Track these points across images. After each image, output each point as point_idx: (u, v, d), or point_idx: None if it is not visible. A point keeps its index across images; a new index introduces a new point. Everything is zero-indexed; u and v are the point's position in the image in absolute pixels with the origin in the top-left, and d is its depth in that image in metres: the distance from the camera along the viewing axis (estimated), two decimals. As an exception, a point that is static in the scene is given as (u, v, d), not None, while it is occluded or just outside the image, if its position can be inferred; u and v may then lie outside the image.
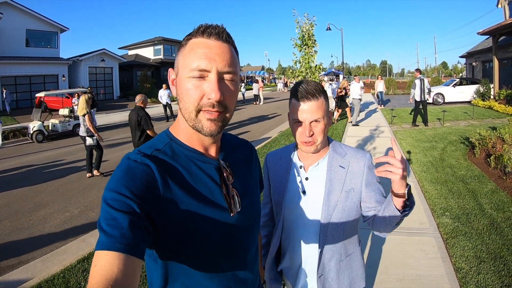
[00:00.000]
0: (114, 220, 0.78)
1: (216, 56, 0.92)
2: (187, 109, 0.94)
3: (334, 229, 1.49)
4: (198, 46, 0.93)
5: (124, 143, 12.41)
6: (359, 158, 1.53)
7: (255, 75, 57.39)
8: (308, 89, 1.41)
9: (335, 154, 1.54)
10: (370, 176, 1.51)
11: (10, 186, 7.59)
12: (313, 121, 1.42)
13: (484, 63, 27.29)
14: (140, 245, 0.79)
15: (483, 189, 5.63)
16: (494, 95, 18.47)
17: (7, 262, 4.26)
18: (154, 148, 0.96)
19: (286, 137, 11.18)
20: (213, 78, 0.91)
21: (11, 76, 25.15)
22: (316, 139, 1.44)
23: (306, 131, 1.42)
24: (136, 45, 41.70)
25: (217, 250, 0.97)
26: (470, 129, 10.79)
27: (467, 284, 3.23)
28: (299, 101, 1.42)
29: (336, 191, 1.48)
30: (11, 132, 15.38)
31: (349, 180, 1.49)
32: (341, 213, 1.48)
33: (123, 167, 0.88)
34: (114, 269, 0.72)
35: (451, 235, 4.18)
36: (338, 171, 1.51)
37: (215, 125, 0.94)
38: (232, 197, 1.02)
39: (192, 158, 0.99)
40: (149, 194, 0.86)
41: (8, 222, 5.58)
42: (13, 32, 25.53)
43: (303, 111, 1.41)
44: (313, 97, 1.40)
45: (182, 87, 0.94)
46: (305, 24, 8.97)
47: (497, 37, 19.09)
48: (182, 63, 0.95)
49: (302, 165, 1.58)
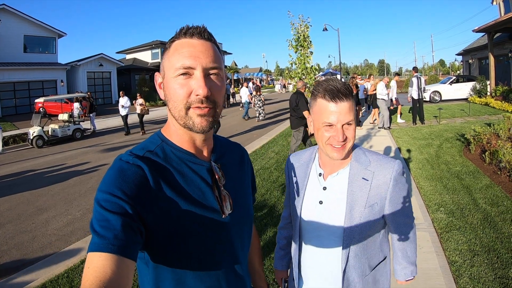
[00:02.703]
0: (106, 221, 0.78)
1: (200, 54, 0.93)
2: (176, 107, 0.94)
3: (358, 245, 1.38)
4: (182, 46, 0.95)
5: (122, 147, 12.50)
6: (385, 168, 1.37)
7: (253, 76, 57.49)
8: (340, 88, 1.28)
9: (357, 164, 1.39)
10: (396, 190, 1.36)
11: (12, 191, 7.66)
12: (346, 124, 1.29)
13: (480, 60, 27.37)
14: (132, 246, 0.80)
15: (478, 184, 5.71)
16: (491, 91, 18.58)
17: (11, 264, 4.34)
18: (146, 149, 0.97)
19: (284, 138, 11.26)
20: (199, 74, 0.92)
21: (9, 82, 25.18)
22: (348, 144, 1.32)
23: (340, 136, 1.28)
24: (134, 49, 41.70)
25: (208, 251, 0.98)
26: (466, 126, 10.87)
27: (461, 277, 3.31)
28: (330, 102, 1.29)
29: (359, 207, 1.34)
30: (11, 138, 15.45)
31: (373, 194, 1.35)
32: (365, 228, 1.36)
33: (115, 168, 0.89)
34: (107, 270, 0.72)
35: (445, 229, 4.27)
36: (360, 184, 1.36)
37: (206, 120, 0.95)
38: (224, 199, 1.02)
39: (184, 159, 1.00)
40: (141, 195, 0.86)
41: (11, 225, 5.66)
42: (10, 38, 25.58)
43: (335, 113, 1.28)
44: (346, 97, 1.28)
45: (169, 88, 0.95)
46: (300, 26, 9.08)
47: (493, 34, 19.21)
48: (168, 64, 0.97)
49: (322, 172, 1.46)
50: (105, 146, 13.13)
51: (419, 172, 6.68)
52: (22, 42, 26.85)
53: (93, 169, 9.37)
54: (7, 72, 24.87)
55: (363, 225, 1.34)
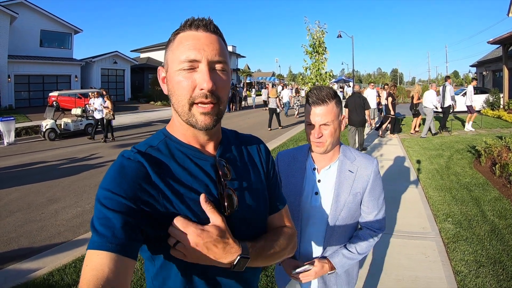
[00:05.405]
0: (106, 219, 0.78)
1: (205, 46, 0.91)
2: (179, 102, 0.92)
3: (339, 229, 1.62)
4: (187, 38, 0.92)
5: (134, 143, 12.48)
6: (368, 164, 1.64)
7: (266, 81, 57.49)
8: (319, 94, 1.53)
9: (345, 158, 1.65)
10: (375, 183, 1.63)
11: (23, 181, 7.79)
12: (323, 124, 1.53)
13: (495, 72, 27.11)
14: (132, 245, 0.79)
15: (487, 196, 5.67)
16: (504, 104, 18.34)
17: (19, 252, 4.41)
18: (149, 145, 0.96)
19: (295, 143, 11.27)
20: (203, 68, 0.89)
21: (24, 75, 25.74)
22: (325, 140, 1.55)
23: (316, 133, 1.54)
24: (148, 48, 42.13)
25: None
26: (477, 138, 10.74)
27: (466, 287, 3.30)
28: (311, 106, 1.55)
29: (345, 194, 1.60)
30: (23, 130, 15.72)
31: (356, 184, 1.61)
32: (347, 214, 1.60)
33: (117, 165, 0.89)
34: (105, 269, 0.72)
35: (452, 239, 4.25)
36: (347, 175, 1.62)
37: (210, 118, 0.92)
38: (229, 196, 0.96)
39: (188, 154, 0.97)
40: (142, 192, 0.85)
41: (20, 214, 5.76)
42: (28, 32, 26.19)
43: (314, 115, 1.54)
44: (323, 102, 1.52)
45: (173, 81, 0.93)
46: (316, 32, 9.08)
47: (507, 46, 19.00)
48: (171, 57, 0.94)
49: (316, 167, 1.68)
50: (117, 141, 13.30)
51: (429, 182, 6.64)
52: (39, 36, 27.41)
53: (104, 163, 9.48)
54: (23, 65, 25.43)
55: (346, 210, 1.60)
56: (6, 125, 12.98)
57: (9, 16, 23.16)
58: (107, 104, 13.14)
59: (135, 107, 27.91)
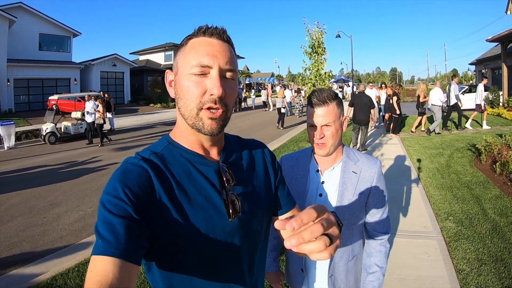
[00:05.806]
0: (110, 224, 0.78)
1: (218, 54, 0.92)
2: (187, 106, 0.92)
3: (344, 231, 1.60)
4: (200, 44, 0.93)
5: (134, 146, 12.65)
6: (371, 165, 1.63)
7: (265, 81, 57.40)
8: (320, 96, 1.54)
9: (348, 160, 1.65)
10: (379, 184, 1.63)
11: (24, 185, 7.78)
12: (325, 125, 1.53)
13: (494, 70, 27.11)
14: (136, 251, 0.79)
15: (488, 194, 5.68)
16: (503, 102, 18.34)
17: (22, 256, 4.41)
18: (152, 151, 0.96)
19: (295, 143, 11.26)
20: (215, 74, 0.90)
21: (24, 79, 25.70)
22: (327, 141, 1.54)
23: (317, 134, 1.54)
24: (147, 51, 42.05)
25: (215, 256, 0.95)
26: (477, 136, 10.78)
27: (468, 285, 3.31)
28: (313, 107, 1.55)
29: (349, 195, 1.59)
30: (24, 133, 15.71)
31: (360, 185, 1.60)
32: (351, 215, 1.60)
33: (121, 170, 0.89)
34: (109, 274, 0.72)
35: (454, 238, 4.26)
36: (351, 176, 1.62)
37: (217, 123, 0.93)
38: (232, 202, 0.96)
39: (191, 160, 0.97)
40: (146, 197, 0.85)
41: (22, 219, 5.77)
42: (26, 35, 26.18)
43: (316, 116, 1.54)
44: (324, 103, 1.53)
45: (182, 85, 0.93)
46: (315, 32, 9.11)
47: (506, 44, 18.99)
48: (183, 61, 0.94)
49: (319, 169, 1.67)
50: (117, 144, 13.27)
51: (429, 181, 6.66)
52: (38, 40, 27.41)
53: (104, 167, 9.48)
54: (22, 69, 25.37)
55: (350, 211, 1.59)
56: (6, 129, 12.97)
57: (7, 20, 23.14)
58: (99, 108, 13.25)
59: (135, 110, 27.92)
